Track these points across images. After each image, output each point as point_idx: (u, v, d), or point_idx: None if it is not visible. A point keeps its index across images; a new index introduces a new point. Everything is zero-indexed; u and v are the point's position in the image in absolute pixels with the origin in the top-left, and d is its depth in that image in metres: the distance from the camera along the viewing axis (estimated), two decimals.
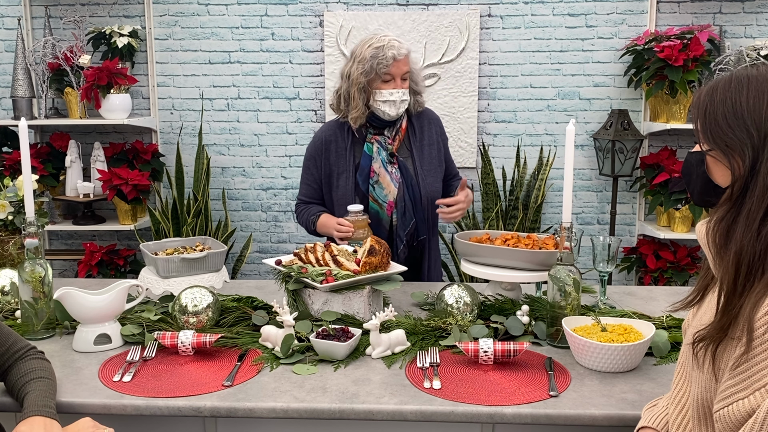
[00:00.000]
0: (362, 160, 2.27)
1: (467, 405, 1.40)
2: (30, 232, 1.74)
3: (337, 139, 2.31)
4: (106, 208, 3.74)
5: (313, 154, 2.35)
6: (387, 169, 2.26)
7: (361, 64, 2.17)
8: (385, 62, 2.15)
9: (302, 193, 2.40)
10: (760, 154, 1.01)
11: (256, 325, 1.78)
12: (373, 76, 2.17)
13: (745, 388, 0.96)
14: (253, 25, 3.61)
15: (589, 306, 1.91)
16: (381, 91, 2.18)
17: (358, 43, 2.25)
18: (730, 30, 3.49)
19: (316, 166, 2.34)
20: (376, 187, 2.26)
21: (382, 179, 2.26)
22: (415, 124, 2.32)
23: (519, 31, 3.55)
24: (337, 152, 2.30)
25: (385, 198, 2.26)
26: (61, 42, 3.48)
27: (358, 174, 2.27)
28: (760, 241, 0.99)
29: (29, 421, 1.28)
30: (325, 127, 2.37)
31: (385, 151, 2.26)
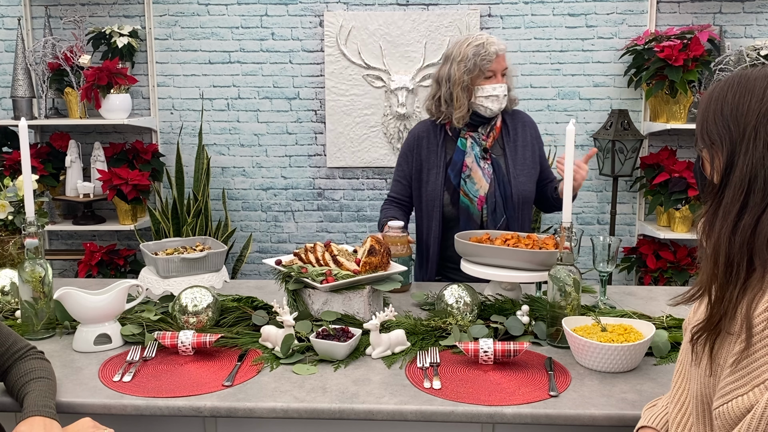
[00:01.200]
0: (455, 154, 2.30)
1: (467, 405, 1.40)
2: (30, 232, 1.74)
3: (429, 135, 2.35)
4: (106, 208, 3.74)
5: (406, 151, 2.39)
6: (479, 165, 2.28)
7: (463, 63, 2.21)
8: (488, 58, 2.20)
9: (392, 189, 2.46)
10: (737, 148, 1.02)
11: (256, 325, 1.77)
12: (476, 73, 2.21)
13: (744, 384, 0.97)
14: (253, 25, 3.61)
15: (589, 306, 1.91)
16: (484, 87, 2.22)
17: (451, 47, 2.29)
18: (730, 30, 3.49)
19: (407, 162, 2.38)
20: (467, 182, 2.28)
21: (474, 174, 2.28)
22: (509, 124, 2.35)
23: (519, 31, 3.55)
24: (429, 148, 2.33)
25: (476, 193, 2.28)
26: (61, 42, 3.48)
27: (450, 168, 2.29)
28: (738, 234, 1.00)
29: (29, 421, 1.28)
30: (419, 125, 2.41)
31: (478, 147, 2.29)
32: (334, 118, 3.63)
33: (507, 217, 2.29)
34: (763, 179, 1.00)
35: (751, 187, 1.00)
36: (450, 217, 2.30)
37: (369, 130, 3.63)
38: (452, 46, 2.29)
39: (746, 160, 1.01)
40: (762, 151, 1.00)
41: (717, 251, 1.02)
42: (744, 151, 1.02)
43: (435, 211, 2.29)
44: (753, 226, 0.99)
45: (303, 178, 3.73)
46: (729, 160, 1.03)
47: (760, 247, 0.99)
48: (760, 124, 1.01)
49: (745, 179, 1.01)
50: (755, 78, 1.05)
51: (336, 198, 3.75)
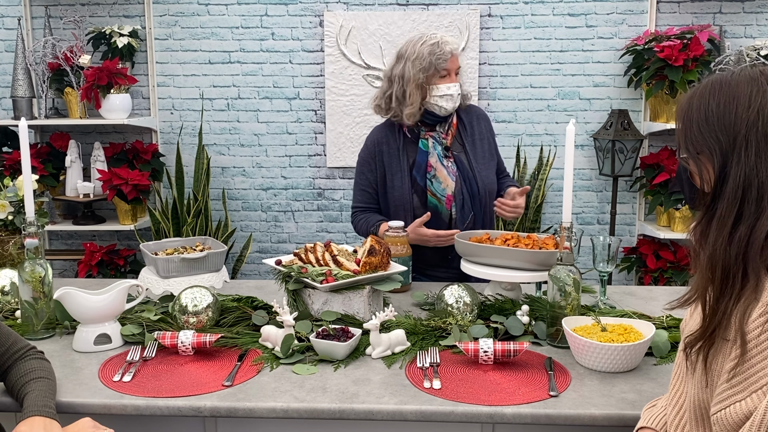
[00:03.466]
0: (418, 156, 2.29)
1: (467, 405, 1.40)
2: (30, 232, 1.74)
3: (389, 140, 2.33)
4: (106, 208, 3.74)
5: (366, 158, 2.37)
6: (443, 163, 2.28)
7: (419, 62, 2.20)
8: (443, 57, 2.19)
9: (357, 200, 2.41)
10: (729, 158, 1.00)
11: (256, 325, 1.77)
12: (431, 71, 2.20)
13: (742, 390, 0.96)
14: (253, 25, 3.61)
15: (589, 306, 1.91)
16: (438, 86, 2.21)
17: (405, 45, 2.27)
18: (730, 30, 3.49)
19: (370, 169, 2.36)
20: (433, 182, 2.27)
21: (439, 173, 2.27)
22: (465, 119, 2.35)
23: (519, 31, 3.55)
24: (390, 153, 2.32)
25: (443, 192, 2.27)
26: (61, 42, 3.48)
27: (414, 170, 2.28)
28: (733, 246, 0.99)
29: (29, 421, 1.28)
30: (375, 131, 2.39)
31: (440, 146, 2.29)
32: (334, 118, 3.63)
33: (474, 213, 2.29)
34: (757, 189, 0.98)
35: (745, 197, 0.99)
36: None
37: (369, 130, 3.62)
38: (406, 44, 2.27)
39: (739, 171, 0.99)
40: (754, 159, 0.99)
41: (714, 263, 1.01)
42: (736, 161, 1.00)
43: (405, 215, 2.28)
44: (748, 236, 0.98)
45: (303, 178, 3.73)
46: (721, 170, 1.01)
47: (753, 256, 0.98)
48: (750, 132, 0.99)
49: (739, 190, 0.99)
50: (737, 83, 1.02)
51: (336, 198, 3.75)
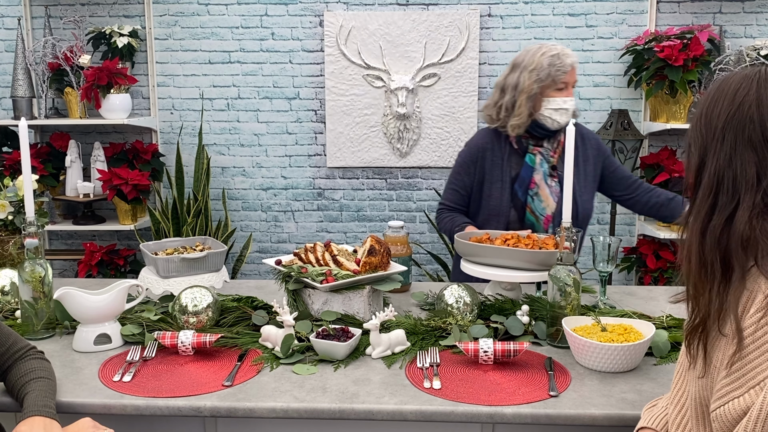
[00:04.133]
0: (523, 170, 2.24)
1: (467, 405, 1.40)
2: (30, 232, 1.74)
3: (493, 147, 2.28)
4: (106, 208, 3.74)
5: (467, 161, 2.31)
6: (547, 182, 2.23)
7: (536, 72, 2.15)
8: (563, 69, 2.15)
9: (447, 198, 2.36)
10: (709, 151, 1.04)
11: (256, 325, 1.77)
12: (548, 83, 2.15)
13: (741, 386, 0.97)
14: (253, 25, 3.61)
15: (589, 306, 1.91)
16: (554, 99, 2.17)
17: (522, 55, 2.22)
18: (730, 30, 3.49)
19: (468, 173, 2.31)
20: (534, 199, 2.23)
21: (541, 191, 2.23)
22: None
23: (519, 31, 3.55)
24: (493, 161, 2.27)
25: (543, 211, 2.23)
26: (61, 42, 3.48)
27: (517, 184, 2.24)
28: (708, 236, 1.02)
29: (29, 421, 1.28)
30: (480, 135, 2.34)
31: (547, 164, 2.24)
32: (334, 118, 3.63)
33: None
34: (730, 180, 1.01)
35: (719, 188, 1.02)
36: None
37: (369, 130, 3.63)
38: (523, 54, 2.22)
39: (715, 162, 1.03)
40: (729, 152, 1.02)
41: (690, 251, 1.05)
42: (713, 153, 1.03)
43: (497, 225, 2.23)
44: (722, 226, 1.01)
45: (303, 178, 3.73)
46: (700, 162, 1.05)
47: (735, 248, 0.99)
48: (728, 126, 1.02)
49: (713, 180, 1.03)
50: (730, 81, 1.06)
51: (336, 198, 3.75)
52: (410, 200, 3.72)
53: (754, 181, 0.99)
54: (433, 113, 3.60)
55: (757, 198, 0.99)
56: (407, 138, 3.60)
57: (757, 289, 0.97)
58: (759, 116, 1.00)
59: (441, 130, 3.61)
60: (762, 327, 0.95)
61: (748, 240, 0.98)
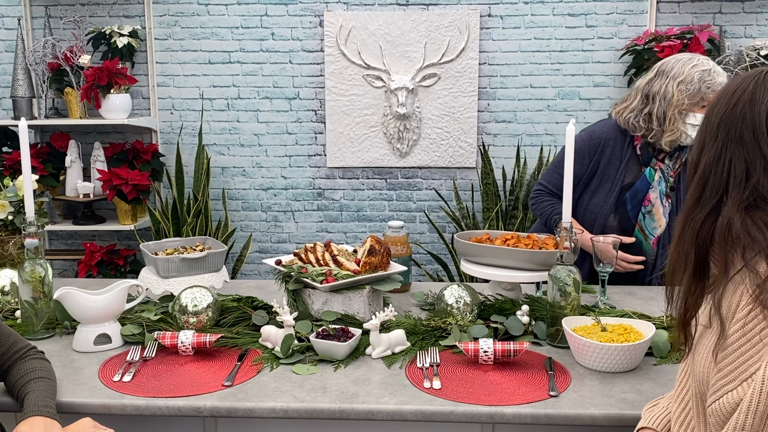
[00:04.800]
0: (639, 183, 2.15)
1: (467, 405, 1.40)
2: (30, 232, 1.74)
3: (616, 145, 2.17)
4: (106, 208, 3.74)
5: (584, 149, 2.18)
6: (662, 202, 2.16)
7: (685, 85, 2.04)
8: (714, 87, 2.04)
9: (550, 181, 2.26)
10: (703, 148, 1.07)
11: (256, 325, 1.77)
12: (697, 100, 2.05)
13: (733, 379, 0.98)
14: (253, 25, 3.61)
15: (589, 306, 1.91)
16: (697, 115, 2.05)
17: (671, 63, 2.10)
18: (730, 30, 3.49)
19: (581, 162, 2.18)
20: (647, 217, 2.16)
21: (655, 210, 2.16)
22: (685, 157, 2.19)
23: (519, 31, 3.55)
24: (612, 159, 2.17)
25: (654, 230, 2.17)
26: (61, 42, 3.48)
27: (628, 195, 2.15)
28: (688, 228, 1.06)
29: (29, 421, 1.28)
30: (605, 126, 2.21)
31: (665, 182, 2.17)
32: (334, 118, 3.63)
33: None
34: (718, 175, 1.04)
35: (707, 183, 1.05)
36: None
37: (369, 130, 3.63)
38: (672, 61, 2.10)
39: (705, 158, 1.06)
40: (720, 148, 1.05)
41: (673, 243, 1.09)
42: (707, 149, 1.07)
43: (592, 225, 2.18)
44: (703, 219, 1.04)
45: (303, 178, 3.73)
46: (697, 159, 1.09)
47: (719, 240, 1.02)
48: (722, 123, 1.05)
49: (703, 176, 1.06)
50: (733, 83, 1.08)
51: (336, 198, 3.75)
52: (410, 200, 3.72)
53: (742, 177, 1.02)
54: (433, 113, 3.60)
55: (746, 194, 1.01)
56: (407, 138, 3.60)
57: (745, 283, 0.99)
58: (751, 115, 1.03)
59: (441, 130, 3.61)
60: (752, 320, 0.97)
61: (731, 233, 1.00)
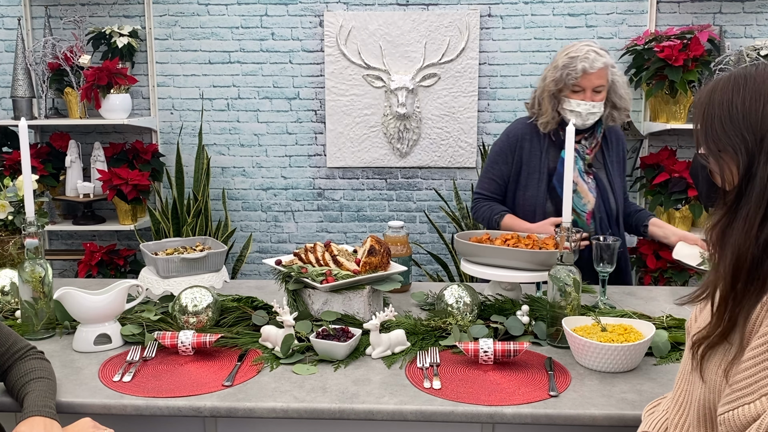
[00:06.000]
0: (559, 166, 2.22)
1: (467, 405, 1.40)
2: (30, 232, 1.74)
3: (532, 137, 2.27)
4: (106, 208, 3.74)
5: (505, 150, 2.30)
6: (584, 179, 2.23)
7: (554, 71, 2.16)
8: (573, 74, 2.13)
9: (483, 187, 2.35)
10: (756, 157, 0.98)
11: (256, 325, 1.77)
12: (562, 85, 2.16)
13: (752, 393, 0.95)
14: (253, 25, 3.61)
15: (589, 306, 1.91)
16: (569, 100, 2.17)
17: (561, 49, 2.22)
18: (730, 30, 3.49)
19: (506, 162, 2.30)
20: (574, 196, 2.20)
21: (580, 188, 2.22)
22: (608, 137, 2.29)
23: (519, 31, 3.55)
24: (531, 151, 2.26)
25: (584, 207, 2.23)
26: (61, 42, 3.48)
27: (555, 179, 2.23)
28: (759, 247, 0.97)
29: (29, 421, 1.28)
30: (519, 124, 2.32)
31: (582, 161, 2.23)
32: (334, 118, 3.63)
33: (612, 232, 2.23)
34: None
35: None
36: None
37: (369, 130, 3.63)
38: (562, 48, 2.22)
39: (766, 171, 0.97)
40: None
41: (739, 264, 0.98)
42: (764, 160, 0.97)
43: (534, 216, 2.23)
44: None
45: (303, 178, 3.73)
46: (747, 170, 0.99)
47: None
48: None
49: (766, 190, 0.97)
50: (763, 80, 1.00)
51: (336, 198, 3.74)
52: (410, 200, 3.72)
53: None
54: (433, 113, 3.60)
55: None
56: (407, 138, 3.60)
57: None
58: None
59: (441, 130, 3.61)
60: None
61: None
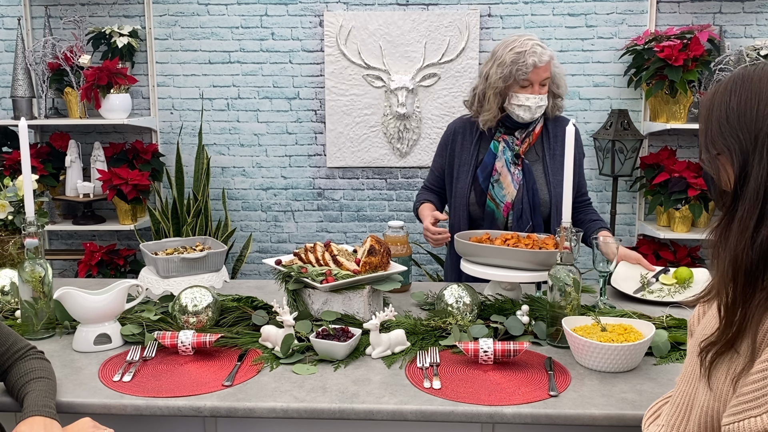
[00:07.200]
0: (486, 156, 2.27)
1: (467, 405, 1.40)
2: (30, 232, 1.74)
3: (465, 131, 2.33)
4: (106, 208, 3.74)
5: (442, 144, 2.40)
6: (509, 170, 2.24)
7: (501, 68, 2.14)
8: (524, 69, 2.12)
9: (427, 178, 2.48)
10: (750, 157, 0.97)
11: (256, 325, 1.78)
12: (511, 81, 2.15)
13: (759, 405, 0.93)
14: (253, 25, 3.61)
15: (589, 306, 1.91)
16: (518, 95, 2.17)
17: (500, 43, 2.21)
18: (730, 30, 3.49)
19: (441, 155, 2.39)
20: (495, 186, 2.25)
21: (503, 179, 2.24)
22: (551, 130, 2.29)
23: (519, 31, 3.55)
24: (463, 145, 2.32)
25: (503, 198, 2.24)
26: (61, 42, 3.48)
27: (479, 170, 2.27)
28: (755, 250, 0.95)
29: (29, 421, 1.28)
30: (457, 119, 2.40)
31: (510, 151, 2.25)
32: (334, 118, 3.63)
33: (534, 224, 2.24)
34: None
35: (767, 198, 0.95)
36: (476, 216, 2.29)
37: (369, 130, 3.63)
38: (500, 44, 2.21)
39: (761, 171, 0.95)
40: None
41: (736, 267, 0.97)
42: (758, 160, 0.96)
43: (462, 209, 2.28)
44: None
45: (303, 178, 3.73)
46: (741, 170, 0.98)
47: None
48: None
49: (761, 190, 0.95)
50: (759, 79, 0.99)
51: (336, 198, 3.75)
52: (410, 200, 3.72)
53: None
54: (433, 113, 3.60)
55: None
56: (407, 138, 3.60)
57: None
58: None
59: (441, 130, 3.60)
60: None
61: None
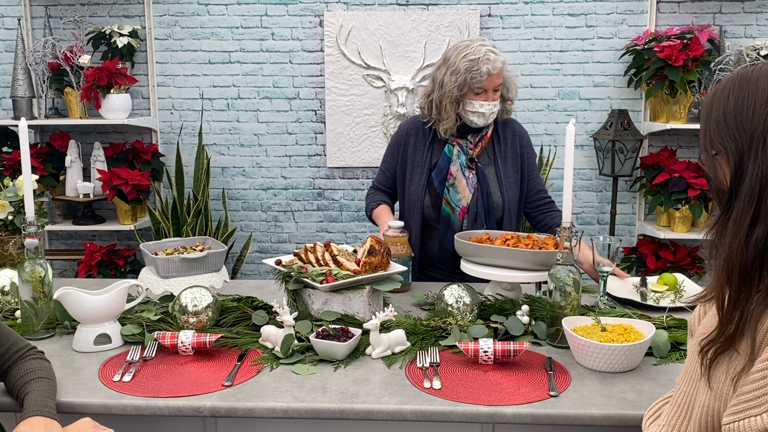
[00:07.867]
0: (441, 160, 2.26)
1: (467, 405, 1.40)
2: (30, 232, 1.74)
3: (417, 133, 2.32)
4: (106, 208, 3.74)
5: (393, 144, 2.37)
6: (464, 174, 2.24)
7: (455, 76, 2.13)
8: (479, 77, 2.12)
9: (377, 178, 2.46)
10: (746, 156, 0.97)
11: (256, 325, 1.77)
12: (465, 90, 2.15)
13: (759, 405, 0.93)
14: (253, 25, 3.61)
15: (589, 306, 1.91)
16: (472, 102, 2.16)
17: (451, 48, 2.20)
18: (730, 30, 3.49)
19: (393, 156, 2.37)
20: (450, 190, 2.24)
21: (458, 183, 2.24)
22: (501, 133, 2.30)
23: (519, 31, 3.55)
24: (416, 146, 2.31)
25: (459, 202, 2.24)
26: (61, 42, 3.48)
27: (434, 173, 2.26)
28: (750, 248, 0.95)
29: (29, 421, 1.28)
30: (409, 120, 2.38)
31: (464, 156, 2.25)
32: (334, 118, 3.63)
33: (488, 227, 2.25)
34: None
35: (762, 196, 0.94)
36: (430, 219, 2.29)
37: (369, 130, 3.63)
38: (452, 49, 2.19)
39: (755, 169, 0.95)
40: None
41: (730, 266, 0.97)
42: (753, 159, 0.95)
43: (416, 211, 2.28)
44: (765, 237, 0.93)
45: (303, 178, 3.73)
46: (737, 169, 0.97)
47: None
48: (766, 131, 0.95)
49: (755, 188, 0.95)
50: (757, 78, 0.99)
51: (336, 198, 3.75)
52: None
53: None
54: None
55: None
56: None
57: None
58: None
59: None
60: None
61: None
